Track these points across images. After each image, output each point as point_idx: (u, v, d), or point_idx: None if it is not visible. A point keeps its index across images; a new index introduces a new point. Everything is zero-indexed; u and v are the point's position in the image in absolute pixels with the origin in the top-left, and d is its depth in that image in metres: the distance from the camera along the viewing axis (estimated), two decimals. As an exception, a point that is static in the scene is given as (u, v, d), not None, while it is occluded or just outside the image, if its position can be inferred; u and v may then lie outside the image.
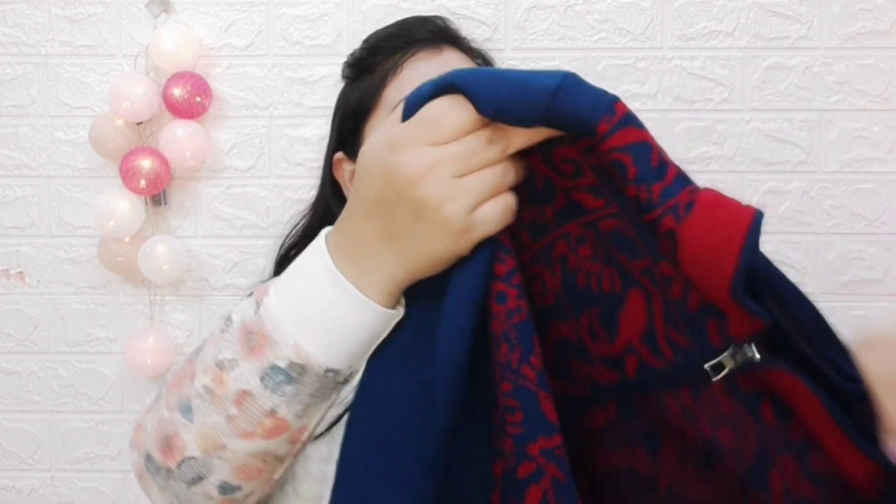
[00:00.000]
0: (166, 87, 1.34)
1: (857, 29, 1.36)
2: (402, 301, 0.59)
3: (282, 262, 1.07)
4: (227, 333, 0.61)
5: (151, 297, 1.40)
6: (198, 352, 0.63)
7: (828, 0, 1.36)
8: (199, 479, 0.62)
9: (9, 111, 1.40)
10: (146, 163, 1.32)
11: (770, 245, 1.37)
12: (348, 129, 0.99)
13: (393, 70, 0.94)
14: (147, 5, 1.37)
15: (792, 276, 1.51)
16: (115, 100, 1.33)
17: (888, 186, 1.37)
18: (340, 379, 0.60)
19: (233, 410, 0.60)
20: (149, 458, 0.64)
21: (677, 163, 0.50)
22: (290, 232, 1.07)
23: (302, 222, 1.07)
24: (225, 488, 0.63)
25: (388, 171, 0.53)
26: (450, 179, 0.52)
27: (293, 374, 0.58)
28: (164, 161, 1.34)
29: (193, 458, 0.62)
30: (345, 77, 1.04)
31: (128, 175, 1.32)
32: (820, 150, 1.37)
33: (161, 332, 1.39)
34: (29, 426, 1.42)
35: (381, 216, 0.55)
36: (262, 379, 0.58)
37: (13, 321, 1.41)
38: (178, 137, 1.34)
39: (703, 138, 1.37)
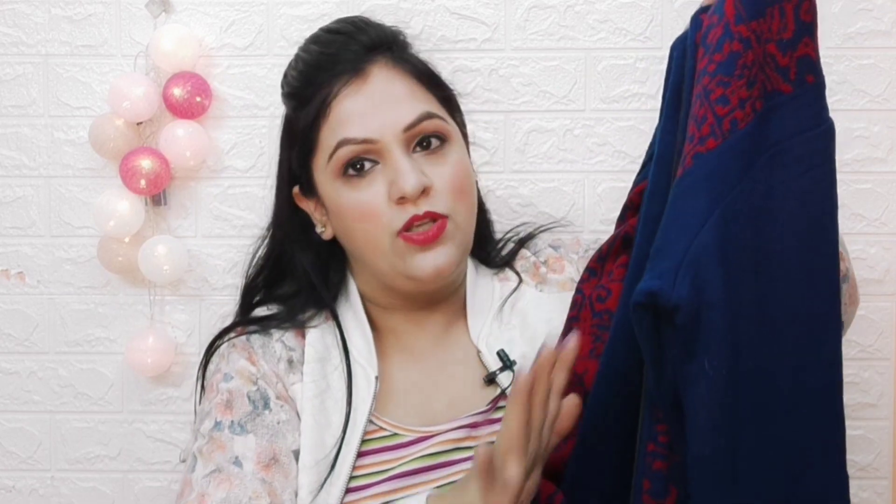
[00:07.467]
0: (166, 88, 1.34)
1: (857, 29, 1.36)
2: None
3: (249, 292, 1.07)
4: None
5: (151, 297, 1.40)
6: None
7: (828, 0, 1.36)
8: None
9: (9, 111, 1.40)
10: (146, 163, 1.32)
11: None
12: (298, 165, 1.00)
13: (323, 111, 0.95)
14: (147, 5, 1.37)
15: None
16: (115, 100, 1.33)
17: (888, 186, 1.37)
18: None
19: None
20: None
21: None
22: (252, 260, 1.07)
23: (262, 251, 1.07)
24: None
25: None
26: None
27: None
28: (164, 161, 1.34)
29: None
30: (285, 104, 1.03)
31: (128, 175, 1.32)
32: (820, 150, 1.37)
33: (161, 332, 1.39)
34: (29, 426, 1.42)
35: None
36: None
37: (13, 321, 1.41)
38: (178, 137, 1.34)
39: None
